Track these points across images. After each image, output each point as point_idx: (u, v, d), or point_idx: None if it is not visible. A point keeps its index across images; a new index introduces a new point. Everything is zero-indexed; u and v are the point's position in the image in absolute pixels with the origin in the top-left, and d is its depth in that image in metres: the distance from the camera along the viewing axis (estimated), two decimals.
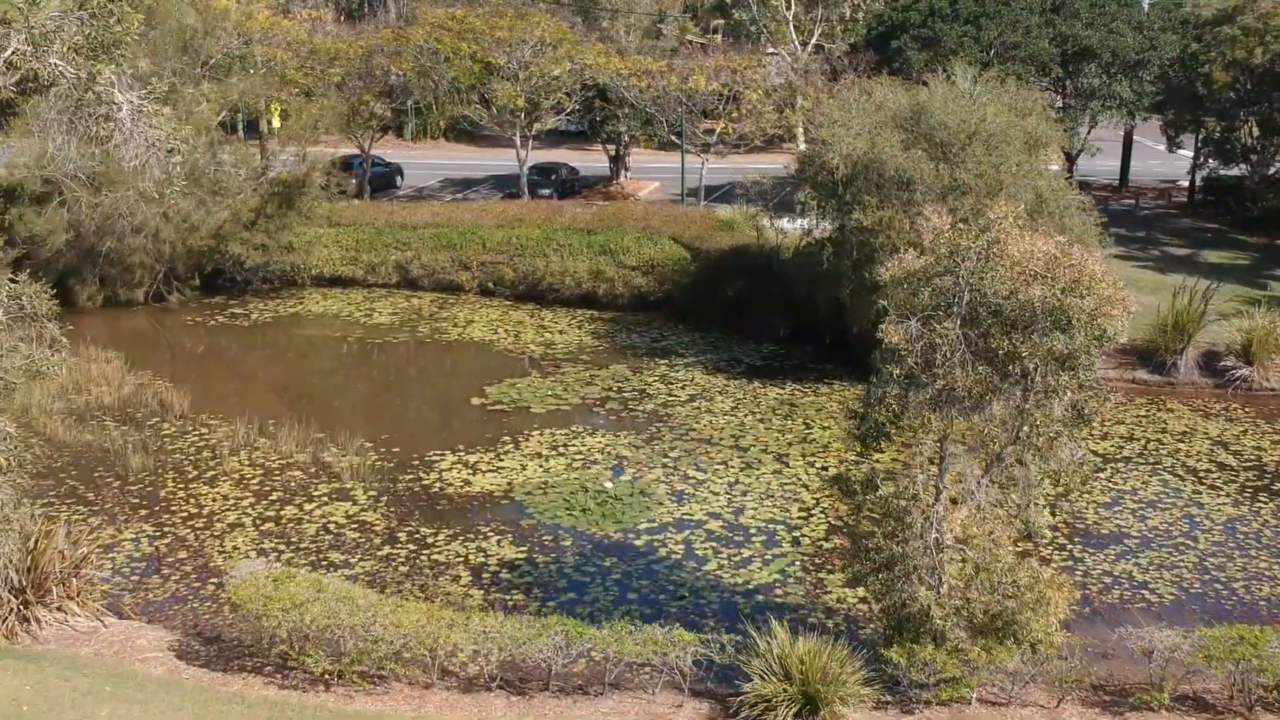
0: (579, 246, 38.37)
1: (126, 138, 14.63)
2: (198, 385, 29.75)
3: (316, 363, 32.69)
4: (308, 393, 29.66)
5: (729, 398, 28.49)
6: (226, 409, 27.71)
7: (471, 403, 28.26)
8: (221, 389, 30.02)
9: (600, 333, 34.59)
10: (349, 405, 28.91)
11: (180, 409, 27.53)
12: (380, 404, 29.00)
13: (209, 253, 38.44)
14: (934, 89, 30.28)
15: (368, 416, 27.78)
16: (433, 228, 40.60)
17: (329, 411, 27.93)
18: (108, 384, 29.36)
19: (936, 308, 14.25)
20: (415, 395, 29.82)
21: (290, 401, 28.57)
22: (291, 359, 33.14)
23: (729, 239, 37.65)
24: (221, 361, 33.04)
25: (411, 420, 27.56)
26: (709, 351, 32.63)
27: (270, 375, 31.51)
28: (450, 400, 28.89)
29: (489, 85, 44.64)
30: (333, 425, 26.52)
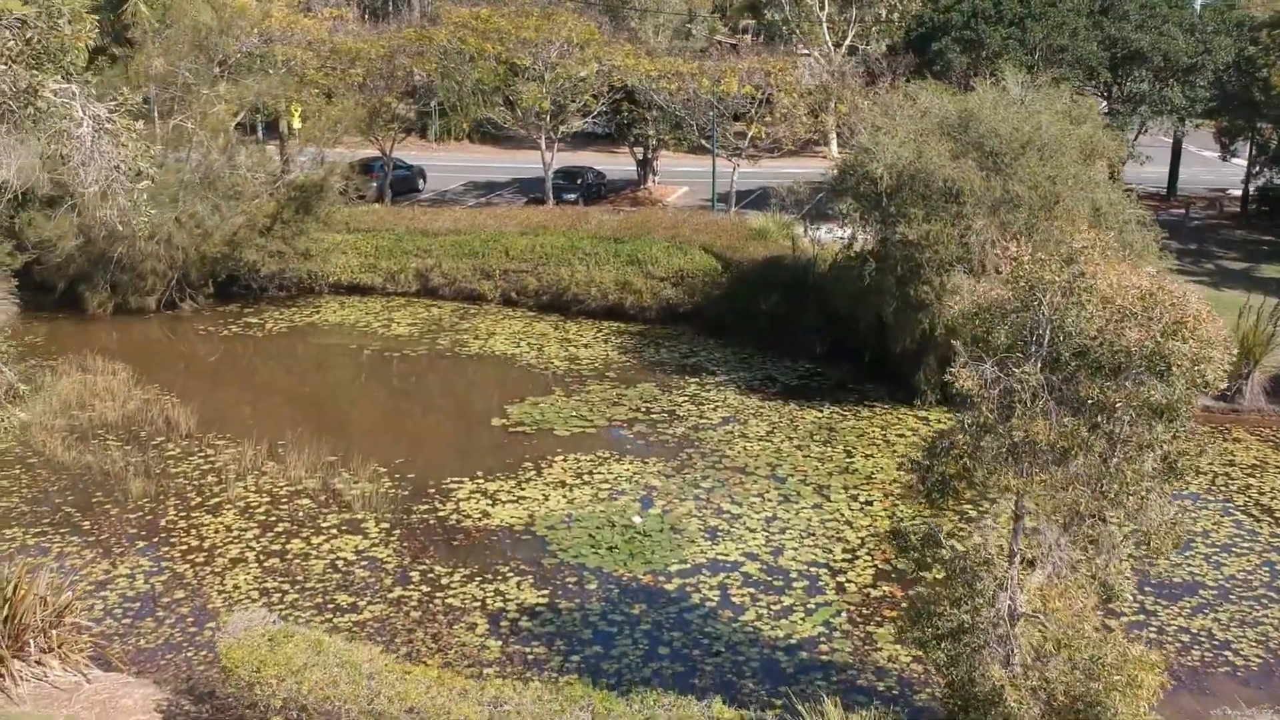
0: (605, 255, 36.85)
1: (86, 159, 13.13)
2: (207, 401, 28.42)
3: (331, 377, 31.31)
4: (321, 410, 28.27)
5: (764, 421, 26.89)
6: (235, 428, 26.36)
7: (492, 424, 26.79)
8: (231, 405, 28.66)
9: (627, 347, 33.06)
10: (363, 425, 27.49)
11: (187, 427, 26.18)
12: (396, 424, 27.57)
13: (223, 259, 37.14)
14: (983, 94, 28.60)
15: (383, 438, 26.34)
16: (454, 235, 39.20)
17: (342, 431, 26.52)
18: (113, 399, 28.07)
19: (1013, 348, 12.62)
20: (433, 414, 28.37)
21: (302, 420, 27.18)
22: (305, 372, 31.77)
23: (762, 249, 36.04)
24: (232, 375, 31.70)
25: (428, 443, 26.11)
26: (742, 369, 31.03)
27: (283, 390, 30.15)
28: (470, 420, 27.42)
29: (514, 87, 43.19)
30: (346, 447, 25.12)
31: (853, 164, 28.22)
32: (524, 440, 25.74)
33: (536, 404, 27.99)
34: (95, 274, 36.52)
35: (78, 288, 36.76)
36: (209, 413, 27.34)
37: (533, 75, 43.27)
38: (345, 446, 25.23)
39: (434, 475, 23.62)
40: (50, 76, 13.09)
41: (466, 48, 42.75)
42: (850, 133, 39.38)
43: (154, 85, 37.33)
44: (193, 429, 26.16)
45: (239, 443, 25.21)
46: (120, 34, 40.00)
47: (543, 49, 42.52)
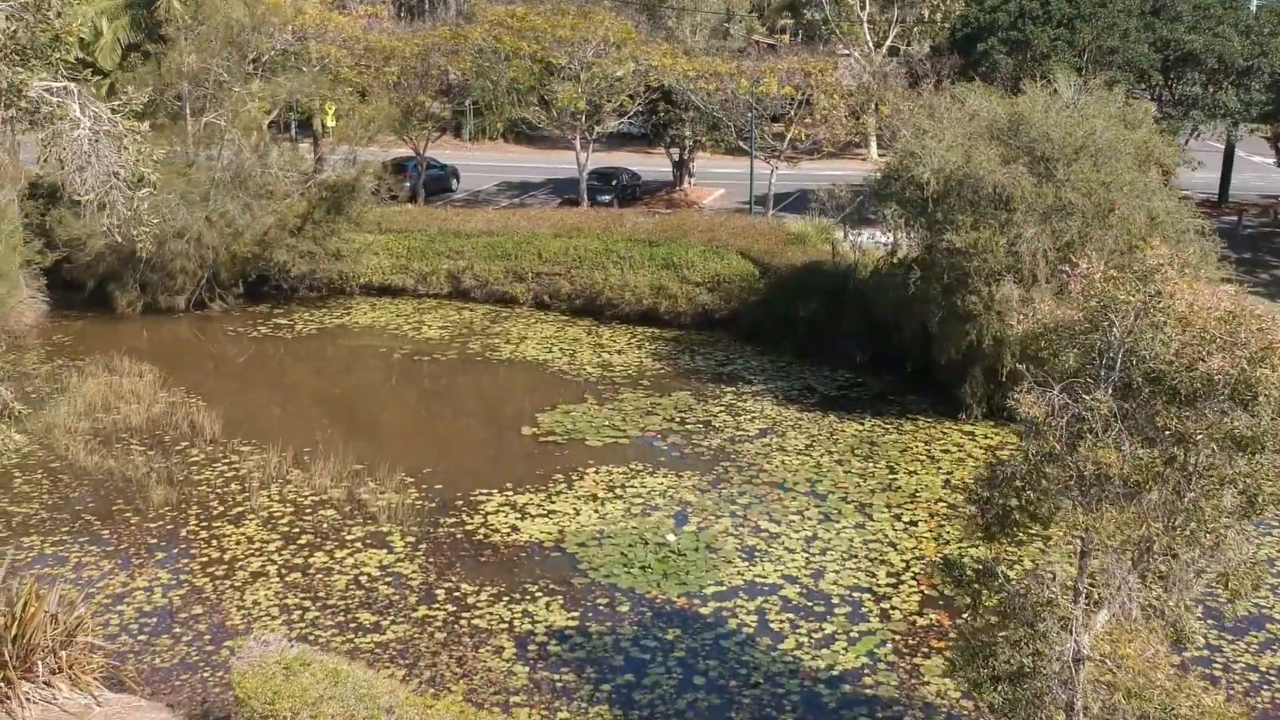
0: (640, 259, 36.07)
1: (82, 164, 12.45)
2: (233, 404, 27.90)
3: (360, 380, 30.72)
4: (349, 415, 27.67)
5: (802, 433, 26.00)
6: (261, 433, 25.80)
7: (522, 432, 26.07)
8: (258, 409, 28.13)
9: (661, 354, 32.26)
10: (391, 431, 26.86)
11: (211, 432, 25.64)
12: (425, 430, 26.91)
13: (253, 259, 36.67)
14: (1033, 97, 27.58)
15: (410, 445, 25.70)
16: (487, 236, 38.56)
17: (369, 438, 25.90)
18: (138, 401, 27.61)
19: (1081, 372, 11.71)
20: (463, 421, 27.68)
21: (329, 425, 26.59)
22: (334, 376, 31.19)
23: (801, 254, 35.12)
24: (260, 377, 31.18)
25: (457, 451, 25.42)
26: (779, 378, 30.15)
27: (310, 394, 29.57)
28: (500, 428, 26.71)
29: (549, 86, 42.49)
30: (373, 454, 24.50)
31: (897, 168, 27.27)
32: (555, 450, 25.00)
33: (568, 412, 27.26)
34: (125, 273, 36.15)
35: (107, 286, 36.44)
36: (235, 416, 26.81)
37: (568, 74, 42.56)
38: (372, 454, 24.62)
39: (462, 486, 22.93)
40: (36, 74, 12.38)
41: (502, 46, 42.09)
42: (892, 135, 38.45)
43: (187, 82, 36.91)
44: (218, 434, 25.62)
45: (264, 449, 24.63)
46: (154, 30, 39.65)
47: (579, 48, 41.80)
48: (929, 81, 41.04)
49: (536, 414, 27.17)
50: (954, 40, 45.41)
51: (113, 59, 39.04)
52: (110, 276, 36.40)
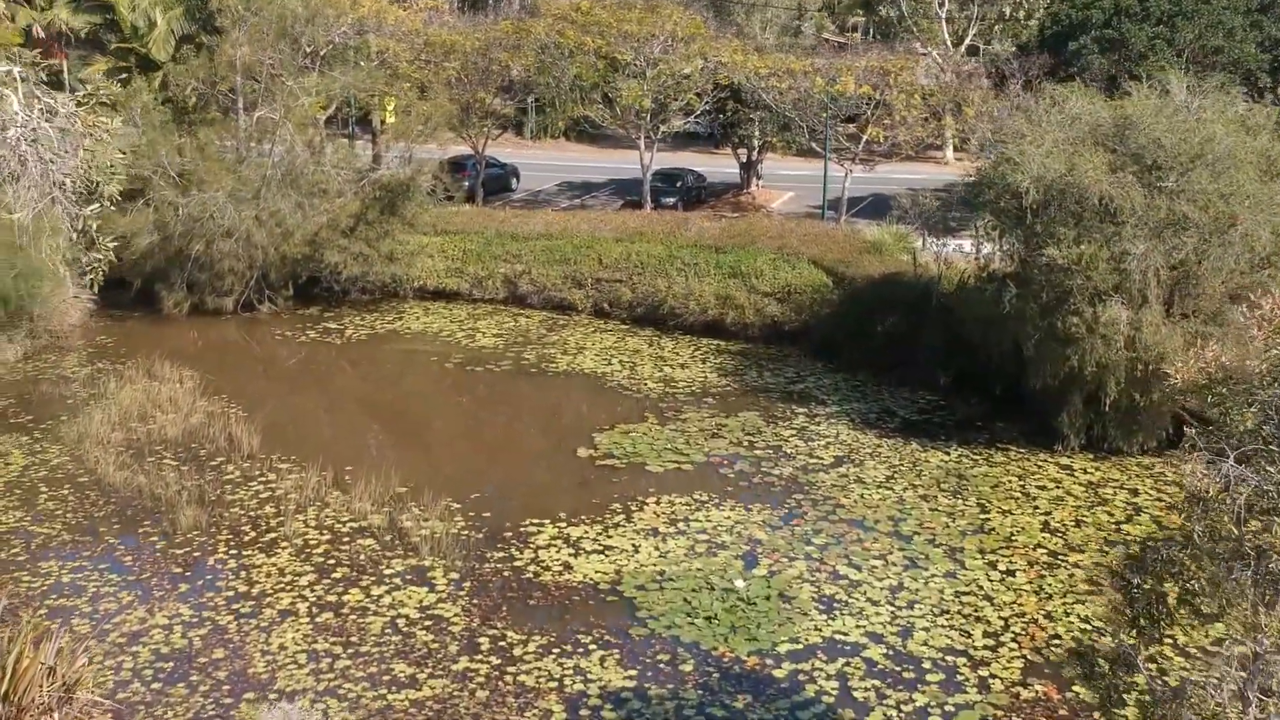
0: (706, 267, 34.11)
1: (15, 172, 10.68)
2: (275, 414, 26.45)
3: (409, 391, 29.13)
4: (395, 431, 26.05)
5: (882, 463, 23.87)
6: (301, 448, 24.26)
7: (578, 454, 24.25)
8: (299, 421, 26.63)
9: (727, 369, 30.27)
10: (438, 450, 25.20)
11: (249, 447, 24.14)
12: (474, 450, 25.18)
13: (304, 260, 35.27)
14: (1141, 99, 25.23)
15: (458, 466, 24.02)
16: (545, 239, 36.84)
17: (415, 456, 24.27)
18: (176, 410, 26.25)
19: (1261, 434, 9.56)
20: (515, 440, 25.92)
21: (373, 441, 25.02)
22: (382, 386, 29.60)
23: (878, 265, 32.93)
24: (305, 385, 29.71)
25: (508, 474, 23.65)
26: (855, 399, 28.02)
27: (356, 406, 28.00)
28: (554, 449, 24.92)
29: (613, 83, 40.66)
30: (417, 475, 22.86)
31: (992, 175, 25.02)
32: (613, 476, 23.14)
33: (628, 432, 25.39)
34: (172, 272, 34.95)
35: (154, 286, 35.27)
36: (275, 429, 25.32)
37: (633, 71, 40.71)
38: (417, 474, 22.97)
39: (512, 515, 21.15)
40: None
41: (565, 41, 40.34)
42: (976, 139, 36.13)
43: (239, 75, 35.62)
44: (255, 449, 24.11)
45: (303, 466, 23.08)
46: (208, 21, 38.46)
47: (645, 43, 39.92)
48: (1015, 82, 38.63)
49: (594, 433, 25.34)
50: (1042, 39, 42.81)
51: (166, 50, 37.95)
52: (157, 276, 35.21)
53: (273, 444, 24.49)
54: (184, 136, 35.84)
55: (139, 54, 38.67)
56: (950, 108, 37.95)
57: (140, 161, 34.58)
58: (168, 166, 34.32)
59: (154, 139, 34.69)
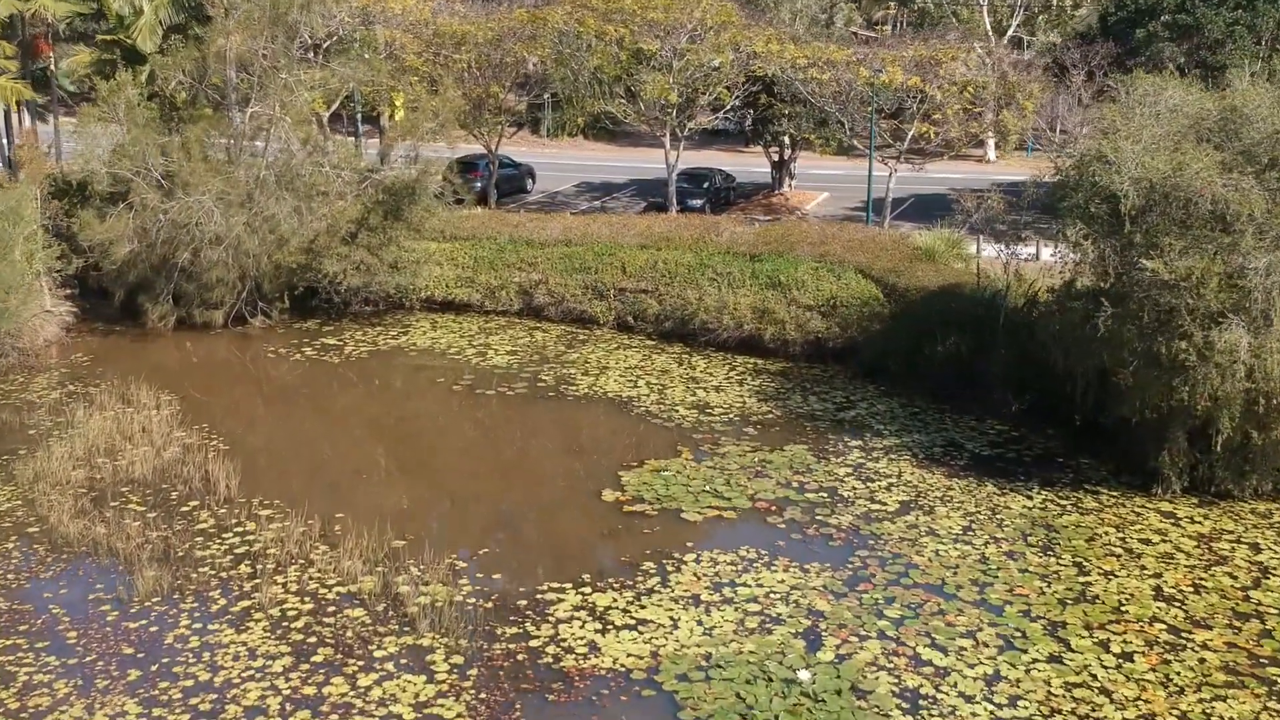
0: (740, 276, 30.91)
1: None
2: (260, 449, 23.45)
3: (411, 421, 26.02)
4: (393, 469, 22.93)
5: (956, 510, 20.62)
6: (287, 489, 21.22)
7: (603, 497, 21.09)
8: (287, 457, 23.57)
9: (767, 392, 27.08)
10: (442, 492, 22.08)
11: (227, 489, 21.08)
12: (483, 493, 22.04)
13: (300, 270, 32.22)
14: (1251, 89, 21.97)
15: (465, 513, 20.91)
16: (563, 246, 33.72)
17: (415, 500, 21.18)
18: (149, 443, 23.26)
19: None
20: (531, 480, 22.77)
21: (368, 482, 21.93)
22: (382, 414, 26.49)
23: (933, 274, 29.68)
24: (296, 412, 26.64)
25: (522, 524, 20.52)
26: (915, 429, 24.78)
27: (352, 438, 24.89)
28: (576, 491, 21.78)
29: (638, 76, 37.50)
30: (418, 524, 19.81)
31: (1079, 176, 21.74)
32: (644, 525, 19.97)
33: (659, 471, 22.23)
34: (157, 283, 31.98)
35: (138, 298, 32.30)
36: (259, 466, 22.30)
37: (659, 63, 37.53)
38: (417, 524, 19.90)
39: (527, 576, 18.02)
40: None
41: (585, 30, 37.19)
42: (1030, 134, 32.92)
43: (231, 68, 32.57)
44: (234, 491, 21.05)
45: (287, 514, 20.02)
46: (199, 10, 35.46)
47: (672, 33, 36.72)
48: (1078, 73, 35.29)
49: (620, 471, 22.19)
50: (1105, 25, 39.43)
51: (153, 41, 34.91)
52: (141, 286, 32.28)
53: (255, 484, 21.43)
54: (172, 134, 32.90)
55: (124, 45, 35.66)
56: (1005, 102, 34.59)
57: (122, 162, 31.74)
58: (151, 167, 31.35)
59: (137, 137, 31.71)
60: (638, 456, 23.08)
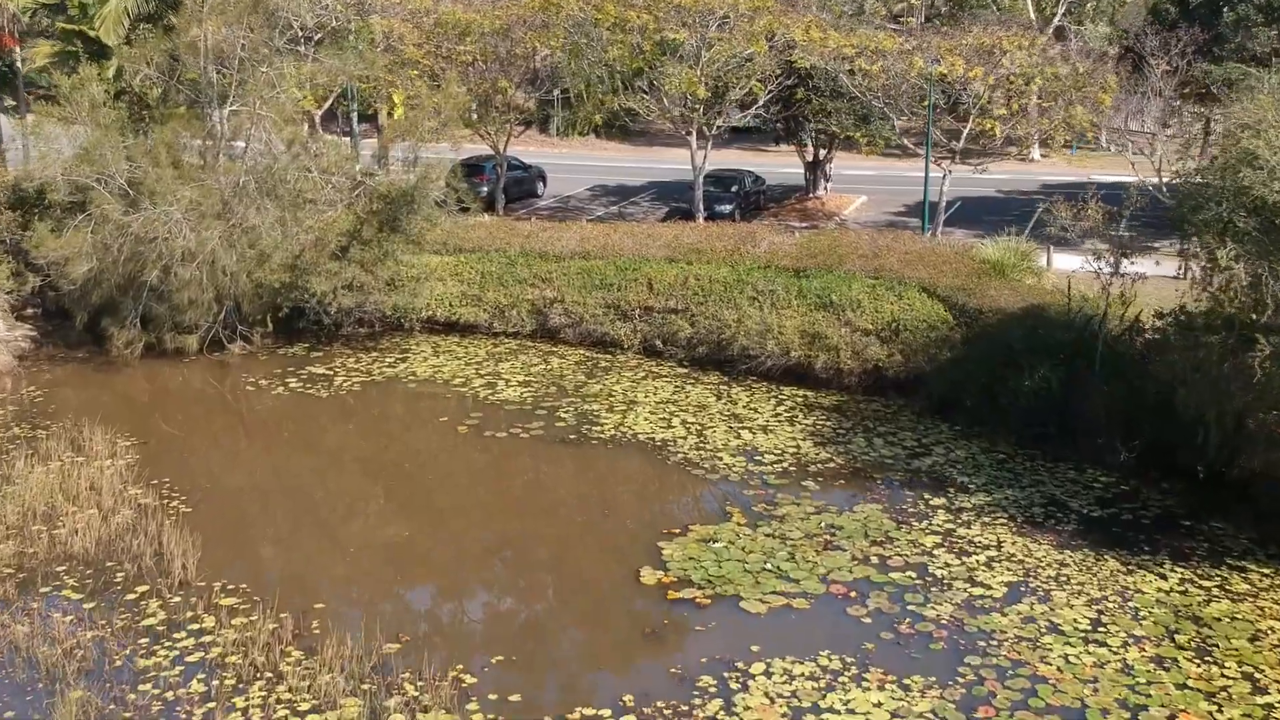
0: (785, 295, 27.09)
1: None
2: (227, 512, 19.68)
3: (409, 475, 22.21)
4: (387, 541, 19.09)
5: (1077, 594, 16.76)
6: (256, 570, 17.49)
7: (642, 580, 17.27)
8: (259, 525, 19.78)
9: (824, 433, 23.26)
10: (446, 575, 18.25)
11: (184, 568, 17.31)
12: (497, 576, 18.22)
13: (284, 289, 28.42)
14: None
15: (472, 604, 17.14)
16: (581, 259, 29.90)
17: (413, 584, 17.39)
18: (97, 505, 19.53)
19: None
20: (553, 557, 18.91)
21: (356, 559, 18.13)
22: (374, 465, 22.66)
23: (1008, 294, 25.83)
24: (274, 464, 22.85)
25: (543, 619, 16.72)
26: (1005, 482, 20.92)
27: (337, 500, 21.07)
28: (606, 570, 17.98)
29: (661, 69, 33.63)
30: (413, 619, 16.05)
31: (1221, 181, 17.86)
32: (695, 619, 16.14)
33: (707, 541, 18.40)
34: (123, 304, 28.20)
35: (102, 320, 28.53)
36: (225, 535, 18.54)
37: (685, 54, 33.67)
38: (413, 619, 16.16)
39: (551, 700, 14.23)
40: None
41: (603, 18, 33.31)
42: (1111, 130, 29.06)
43: (204, 60, 28.74)
44: (192, 571, 17.27)
45: (253, 603, 16.27)
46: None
47: (700, 20, 32.86)
48: (1158, 63, 31.37)
49: (660, 541, 18.38)
50: (1185, 8, 35.45)
51: (118, 33, 31.08)
52: (106, 308, 28.49)
53: (218, 561, 17.66)
54: (140, 136, 29.15)
55: (87, 37, 31.87)
56: (1079, 96, 30.66)
57: (81, 168, 27.95)
58: (114, 174, 27.54)
59: (98, 140, 27.90)
60: (679, 520, 19.28)
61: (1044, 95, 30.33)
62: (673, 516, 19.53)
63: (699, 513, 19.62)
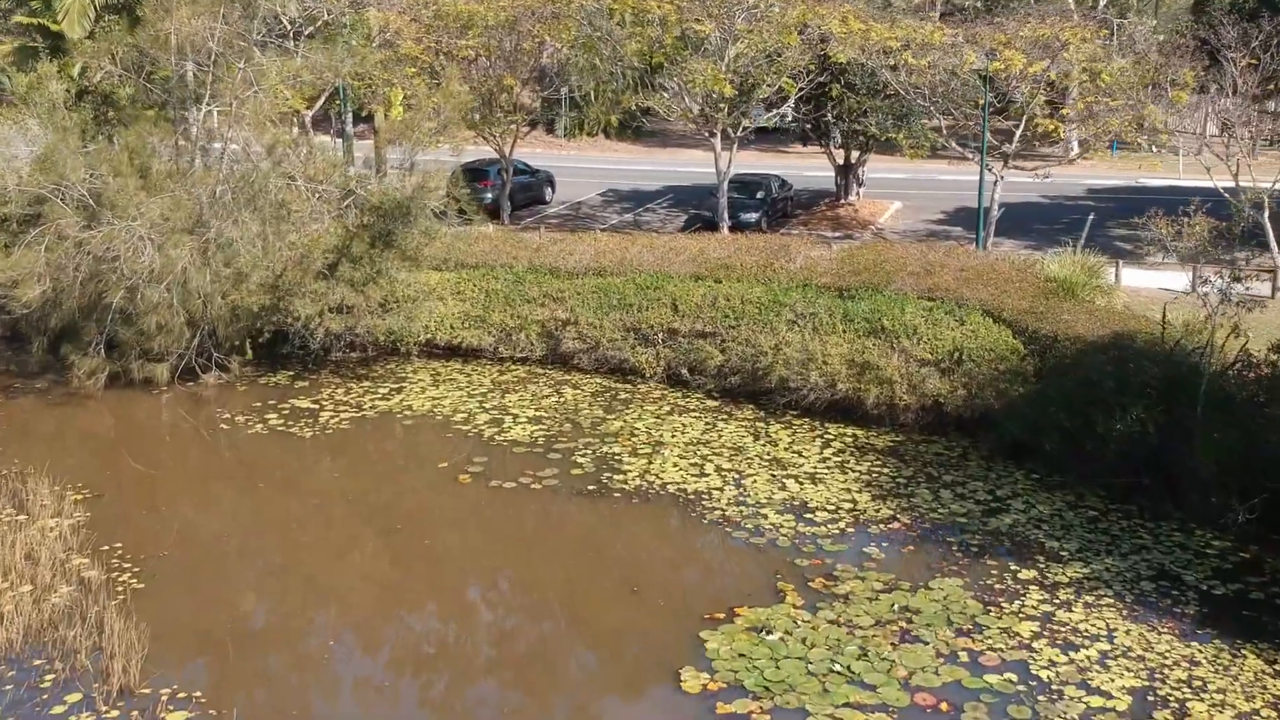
0: (828, 318, 24.01)
1: None
2: (184, 595, 16.60)
3: (400, 542, 19.07)
4: (373, 634, 15.99)
5: (1221, 708, 13.63)
6: (214, 671, 14.39)
7: (683, 685, 14.17)
8: (222, 607, 16.64)
9: (882, 483, 20.16)
10: (444, 680, 15.14)
11: (126, 671, 14.22)
12: (500, 679, 15.11)
13: (265, 312, 25.36)
14: None
15: (477, 714, 14.00)
16: (596, 276, 26.87)
17: (403, 697, 14.27)
18: (31, 582, 16.48)
19: None
20: (573, 655, 15.80)
21: (335, 659, 15.04)
22: (361, 527, 19.54)
23: (1085, 319, 22.70)
24: (244, 526, 19.71)
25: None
26: (1102, 547, 17.79)
27: (315, 576, 17.94)
28: (640, 674, 14.89)
29: (684, 64, 30.51)
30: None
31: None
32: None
33: (759, 630, 15.29)
34: (86, 329, 25.24)
35: (62, 347, 25.52)
36: (179, 626, 15.48)
37: (710, 49, 30.56)
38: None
39: None
40: None
41: (620, 7, 30.18)
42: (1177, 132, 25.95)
43: (176, 56, 25.70)
44: (134, 676, 14.20)
45: (209, 714, 13.15)
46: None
47: (728, 11, 29.73)
48: (1237, 56, 28.19)
49: (702, 631, 15.27)
50: None
51: (83, 26, 28.05)
52: (67, 333, 25.49)
53: (169, 659, 14.61)
54: (103, 140, 26.18)
55: (49, 31, 28.83)
56: (1150, 94, 27.49)
57: (35, 177, 24.92)
58: (73, 183, 24.48)
59: (55, 145, 24.85)
60: (723, 599, 16.19)
61: (1111, 92, 27.14)
62: (714, 594, 16.44)
63: (745, 589, 16.52)
